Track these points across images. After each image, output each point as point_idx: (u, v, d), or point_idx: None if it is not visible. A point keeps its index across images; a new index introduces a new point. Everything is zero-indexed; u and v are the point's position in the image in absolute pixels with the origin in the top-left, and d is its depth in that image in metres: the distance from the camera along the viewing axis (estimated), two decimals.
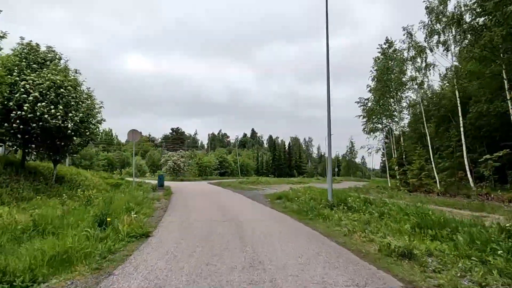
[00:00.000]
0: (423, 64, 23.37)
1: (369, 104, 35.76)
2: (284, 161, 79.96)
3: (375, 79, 32.72)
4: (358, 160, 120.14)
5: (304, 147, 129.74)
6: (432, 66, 23.50)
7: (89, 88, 15.27)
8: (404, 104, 32.27)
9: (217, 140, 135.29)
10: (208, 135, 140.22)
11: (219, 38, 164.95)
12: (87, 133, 14.19)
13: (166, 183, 30.36)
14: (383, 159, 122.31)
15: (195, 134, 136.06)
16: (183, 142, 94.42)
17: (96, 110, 14.99)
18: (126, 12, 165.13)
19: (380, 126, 34.00)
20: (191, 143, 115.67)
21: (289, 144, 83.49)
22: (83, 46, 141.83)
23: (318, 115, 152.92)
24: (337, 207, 10.47)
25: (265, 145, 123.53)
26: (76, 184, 15.69)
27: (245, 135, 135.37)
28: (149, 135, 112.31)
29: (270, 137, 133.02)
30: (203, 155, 54.09)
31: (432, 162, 24.21)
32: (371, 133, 34.54)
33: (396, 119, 32.65)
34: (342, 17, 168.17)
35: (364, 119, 36.46)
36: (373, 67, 33.41)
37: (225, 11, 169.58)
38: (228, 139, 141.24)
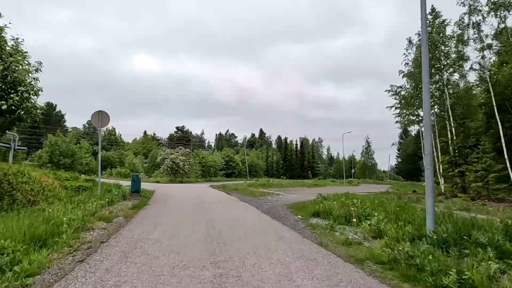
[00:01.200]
0: (501, 26, 17.11)
1: (403, 92, 29.82)
2: (296, 161, 73.90)
3: (413, 62, 26.88)
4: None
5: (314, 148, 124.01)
6: None
7: (18, 38, 9.79)
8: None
9: (224, 140, 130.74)
10: (216, 135, 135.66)
11: (227, 38, 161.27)
12: (11, 106, 8.71)
13: (158, 186, 24.98)
14: (399, 160, 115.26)
15: (202, 134, 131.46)
16: (189, 141, 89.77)
17: (26, 73, 9.47)
18: (134, 12, 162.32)
19: (422, 116, 27.70)
20: (197, 143, 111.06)
21: (301, 142, 77.22)
22: (91, 46, 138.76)
23: (325, 116, 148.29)
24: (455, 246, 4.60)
25: (274, 146, 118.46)
26: (7, 190, 10.19)
27: (253, 135, 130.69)
28: (154, 133, 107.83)
29: (279, 137, 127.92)
30: (207, 154, 48.51)
31: (507, 161, 17.95)
32: (410, 125, 28.36)
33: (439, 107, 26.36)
34: (351, 16, 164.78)
35: (397, 110, 30.39)
36: (407, 49, 27.67)
37: (232, 10, 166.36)
38: (235, 139, 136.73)
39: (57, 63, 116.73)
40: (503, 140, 18.61)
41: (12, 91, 9.10)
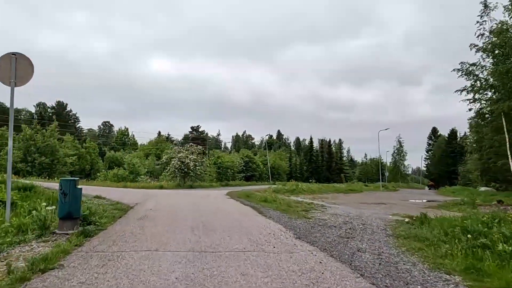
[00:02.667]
0: None
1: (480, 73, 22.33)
2: (322, 163, 66.14)
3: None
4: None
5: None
6: None
7: None
8: None
9: (241, 142, 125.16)
10: (232, 137, 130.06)
11: (241, 39, 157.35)
12: None
13: (155, 194, 18.15)
14: (427, 162, 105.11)
15: (218, 135, 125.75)
16: (205, 141, 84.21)
17: None
18: (148, 15, 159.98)
19: None
20: (213, 144, 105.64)
21: (329, 142, 68.99)
22: (107, 50, 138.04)
23: (342, 117, 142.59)
24: None
25: (292, 148, 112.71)
26: None
27: (271, 136, 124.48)
28: (168, 134, 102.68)
29: (297, 138, 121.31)
30: (224, 154, 41.86)
31: None
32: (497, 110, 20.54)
33: None
34: (367, 16, 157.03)
35: (469, 95, 22.87)
36: (481, 16, 20.79)
37: (247, 11, 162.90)
38: (252, 141, 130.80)
39: (74, 66, 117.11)
40: None
41: None
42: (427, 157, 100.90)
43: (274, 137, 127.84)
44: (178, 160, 28.09)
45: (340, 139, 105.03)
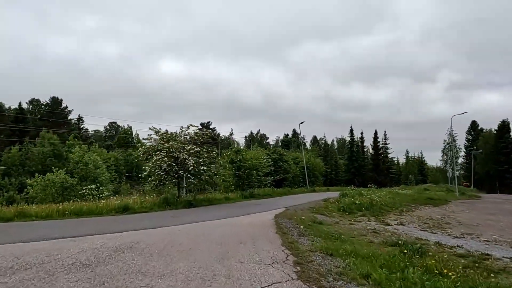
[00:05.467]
0: None
1: None
2: (366, 161, 51.87)
3: None
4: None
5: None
6: None
7: None
8: None
9: (256, 141, 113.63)
10: (245, 137, 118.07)
11: (252, 39, 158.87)
12: None
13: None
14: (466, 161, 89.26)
15: (231, 134, 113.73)
16: (216, 141, 72.67)
17: None
18: (157, 17, 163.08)
19: None
20: (226, 145, 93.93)
21: (375, 134, 54.06)
22: (117, 53, 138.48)
23: (355, 117, 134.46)
24: None
25: (308, 147, 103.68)
26: None
27: (286, 135, 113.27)
28: (176, 132, 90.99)
29: (314, 137, 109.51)
30: (244, 149, 28.14)
31: None
32: None
33: None
34: (381, 11, 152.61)
35: None
36: None
37: (256, 10, 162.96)
38: (267, 140, 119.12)
39: (85, 71, 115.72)
40: None
41: None
42: (465, 155, 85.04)
43: (290, 136, 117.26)
44: (167, 153, 14.86)
45: (385, 131, 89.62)
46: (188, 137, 16.51)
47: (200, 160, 15.63)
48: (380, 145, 51.14)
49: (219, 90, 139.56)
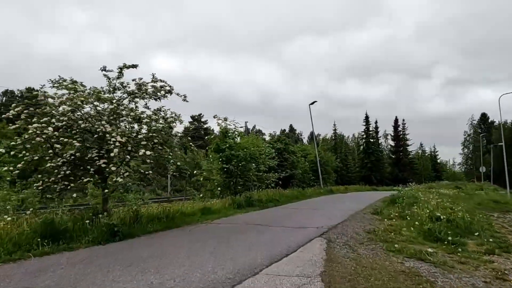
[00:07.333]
0: None
1: None
2: (383, 155, 43.96)
3: None
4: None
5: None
6: None
7: None
8: None
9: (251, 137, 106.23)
10: (240, 132, 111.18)
11: (246, 35, 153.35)
12: None
13: None
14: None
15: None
16: (208, 135, 64.39)
17: None
18: (150, 13, 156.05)
19: None
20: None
21: (395, 121, 45.56)
22: (108, 50, 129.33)
23: (351, 115, 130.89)
24: None
25: (305, 143, 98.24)
26: None
27: (283, 131, 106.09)
28: None
29: (311, 133, 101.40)
30: (239, 133, 19.54)
31: None
32: None
33: None
34: (377, 7, 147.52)
35: None
36: None
37: (250, 5, 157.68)
38: (263, 136, 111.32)
39: (77, 68, 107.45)
40: None
41: None
42: (473, 148, 77.89)
43: (287, 132, 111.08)
44: (64, 125, 6.73)
45: (403, 119, 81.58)
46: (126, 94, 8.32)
47: (140, 136, 7.45)
48: (400, 135, 43.01)
49: (213, 87, 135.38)
